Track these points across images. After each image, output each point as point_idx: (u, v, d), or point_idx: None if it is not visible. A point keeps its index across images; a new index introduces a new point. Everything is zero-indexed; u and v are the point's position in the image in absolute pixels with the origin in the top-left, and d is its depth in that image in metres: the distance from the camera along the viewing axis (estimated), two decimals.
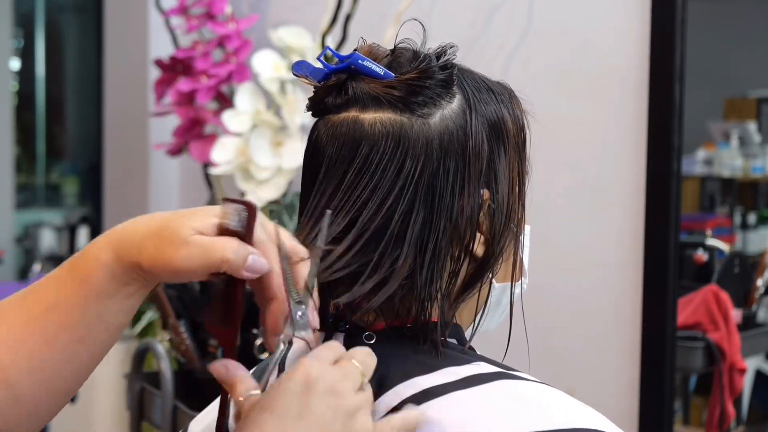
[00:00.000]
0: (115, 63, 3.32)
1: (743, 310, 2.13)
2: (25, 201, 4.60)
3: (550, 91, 2.03)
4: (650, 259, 1.87)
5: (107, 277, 0.80)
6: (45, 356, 0.81)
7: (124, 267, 0.79)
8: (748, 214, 2.34)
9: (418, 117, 0.84)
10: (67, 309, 0.81)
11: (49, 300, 0.81)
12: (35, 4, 4.67)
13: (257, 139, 2.26)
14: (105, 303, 0.80)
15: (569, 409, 0.80)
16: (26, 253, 4.36)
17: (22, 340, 0.81)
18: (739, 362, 2.04)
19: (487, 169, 0.86)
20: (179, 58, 2.53)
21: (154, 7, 2.87)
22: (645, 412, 1.88)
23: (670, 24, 1.83)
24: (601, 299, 1.97)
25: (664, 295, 1.85)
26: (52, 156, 4.81)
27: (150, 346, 2.17)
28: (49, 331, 0.81)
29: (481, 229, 0.86)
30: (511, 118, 0.89)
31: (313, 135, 0.88)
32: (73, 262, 0.82)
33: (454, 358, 0.84)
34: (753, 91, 2.35)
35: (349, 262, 0.83)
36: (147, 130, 3.06)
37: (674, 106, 1.83)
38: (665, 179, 1.84)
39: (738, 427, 2.12)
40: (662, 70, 1.85)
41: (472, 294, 0.88)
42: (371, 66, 0.84)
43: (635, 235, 1.90)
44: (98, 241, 0.82)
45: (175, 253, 0.77)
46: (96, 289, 0.80)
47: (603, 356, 1.97)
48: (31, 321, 0.81)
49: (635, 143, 1.90)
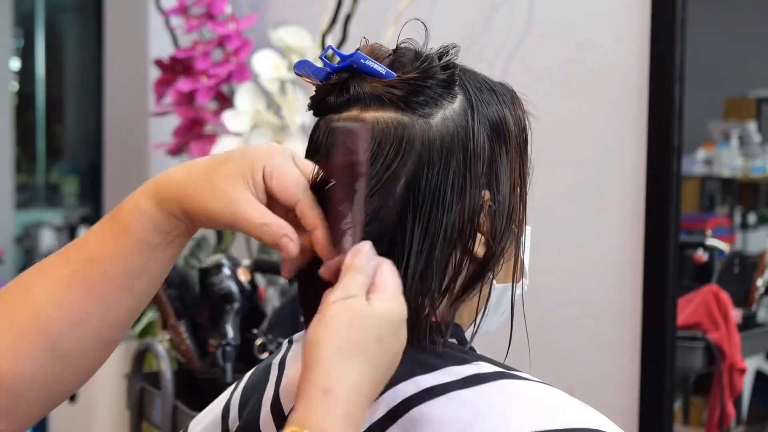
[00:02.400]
0: (115, 63, 3.32)
1: (743, 310, 2.13)
2: (25, 201, 4.60)
3: (550, 91, 2.03)
4: (650, 259, 1.87)
5: (147, 226, 0.81)
6: (87, 308, 0.81)
7: (166, 213, 0.80)
8: (748, 214, 2.34)
9: (420, 116, 0.84)
10: (108, 259, 0.81)
11: (90, 252, 0.82)
12: (35, 4, 4.68)
13: (257, 139, 2.26)
14: (145, 251, 0.81)
15: (570, 409, 0.80)
16: (26, 253, 4.36)
17: (63, 292, 0.81)
18: (739, 362, 2.04)
19: (488, 170, 0.86)
20: (179, 58, 2.53)
21: (154, 7, 2.87)
22: (645, 412, 1.88)
23: (670, 24, 1.83)
24: (601, 299, 1.97)
25: (664, 295, 1.85)
26: (52, 156, 4.82)
27: (150, 346, 2.17)
28: (91, 282, 0.81)
29: (482, 229, 0.86)
30: (512, 119, 0.89)
31: (314, 134, 0.88)
32: (113, 213, 0.83)
33: (454, 357, 0.84)
34: (753, 91, 2.36)
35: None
36: (147, 130, 3.06)
37: (674, 106, 1.83)
38: (665, 179, 1.84)
39: (738, 427, 2.12)
40: (662, 70, 1.85)
41: (472, 294, 0.88)
42: (373, 65, 0.84)
43: (635, 235, 1.90)
44: (138, 191, 0.82)
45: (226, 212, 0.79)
46: (136, 238, 0.81)
47: (603, 356, 1.97)
48: (72, 274, 0.81)
49: (635, 143, 1.90)
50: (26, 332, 0.81)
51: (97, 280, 0.81)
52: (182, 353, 2.07)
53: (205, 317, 2.03)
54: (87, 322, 0.82)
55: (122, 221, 0.81)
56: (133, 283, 0.82)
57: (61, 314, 0.81)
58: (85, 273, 0.81)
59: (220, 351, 1.95)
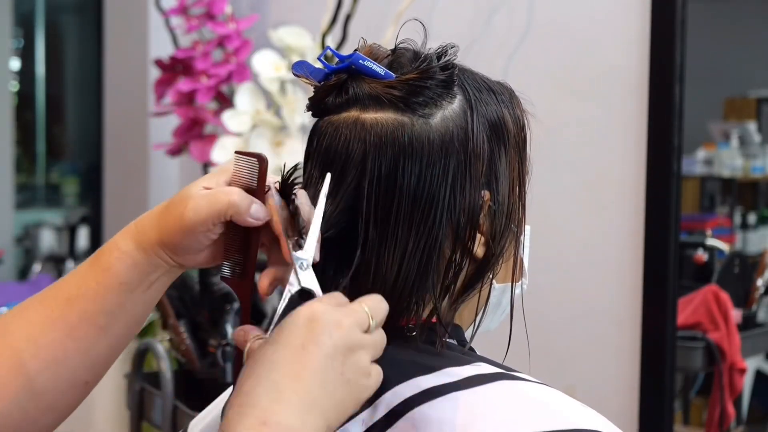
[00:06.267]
0: (115, 63, 3.32)
1: (743, 310, 2.13)
2: (25, 201, 4.59)
3: (550, 91, 2.03)
4: (650, 259, 1.87)
5: (129, 266, 0.81)
6: (65, 347, 0.82)
7: (145, 252, 0.81)
8: (748, 214, 2.35)
9: (420, 117, 0.84)
10: (89, 299, 0.82)
11: (71, 291, 0.82)
12: (35, 4, 4.67)
13: (257, 139, 2.26)
14: (126, 292, 0.82)
15: (569, 410, 0.80)
16: (26, 253, 4.36)
17: (42, 332, 0.82)
18: (739, 362, 2.04)
19: (488, 170, 0.86)
20: (179, 58, 2.53)
21: (154, 7, 2.87)
22: (645, 412, 1.88)
23: (670, 24, 1.83)
24: (601, 299, 1.97)
25: (664, 295, 1.85)
26: (52, 156, 4.81)
27: (150, 346, 2.17)
28: (70, 321, 0.82)
29: (482, 229, 0.86)
30: (511, 118, 0.89)
31: (313, 136, 0.88)
32: (96, 255, 0.84)
33: (454, 358, 0.84)
34: (753, 91, 2.36)
35: (348, 260, 0.83)
36: (147, 130, 3.06)
37: (674, 106, 1.83)
38: (665, 179, 1.84)
39: (738, 427, 2.12)
40: (662, 70, 1.85)
41: (472, 294, 0.88)
42: (372, 66, 0.84)
43: (635, 235, 1.90)
44: (119, 234, 0.84)
45: (184, 209, 0.79)
46: (118, 279, 0.82)
47: (603, 356, 1.97)
48: (52, 312, 0.82)
49: (635, 143, 1.90)
50: (3, 369, 0.81)
51: (76, 319, 0.82)
52: (182, 353, 2.07)
53: (205, 317, 2.04)
54: (65, 361, 0.82)
55: (103, 262, 0.82)
56: (112, 323, 0.83)
57: (38, 352, 0.81)
58: (64, 311, 0.82)
59: (220, 351, 1.95)
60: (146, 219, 0.83)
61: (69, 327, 0.82)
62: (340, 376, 0.72)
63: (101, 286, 0.82)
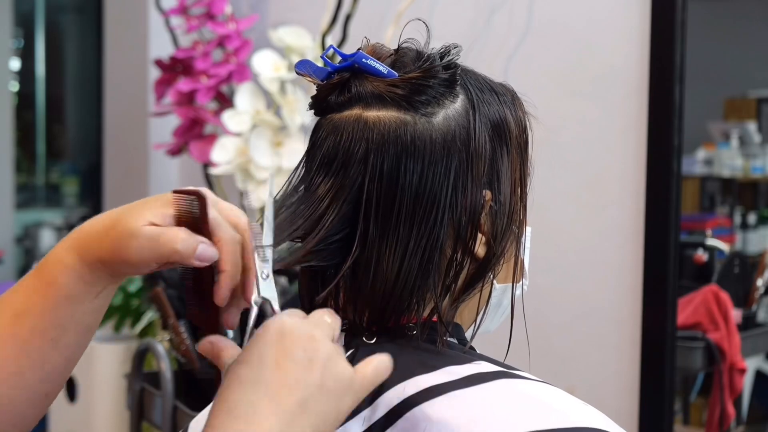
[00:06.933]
0: (115, 63, 3.32)
1: (743, 310, 2.13)
2: (25, 201, 4.60)
3: (550, 91, 2.03)
4: (650, 259, 1.87)
5: (73, 279, 0.80)
6: (19, 363, 0.81)
7: (88, 266, 0.80)
8: (748, 214, 2.35)
9: (422, 116, 0.84)
10: (36, 315, 0.81)
11: (19, 306, 0.82)
12: (35, 4, 4.68)
13: (257, 139, 2.26)
14: (74, 304, 0.81)
15: (570, 408, 0.80)
16: (26, 253, 4.36)
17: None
18: (739, 362, 2.04)
19: (490, 170, 0.86)
20: (179, 58, 2.53)
21: (154, 7, 2.87)
22: (645, 411, 1.88)
23: (670, 24, 1.83)
24: (601, 299, 1.97)
25: (664, 295, 1.85)
26: (52, 156, 4.82)
27: (150, 346, 2.17)
28: (21, 337, 0.81)
29: (483, 229, 0.86)
30: (513, 119, 0.89)
31: (315, 134, 0.88)
32: (39, 267, 0.82)
33: (454, 357, 0.84)
34: (753, 91, 2.36)
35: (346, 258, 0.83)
36: (147, 130, 3.06)
37: (674, 106, 1.83)
38: (665, 179, 1.84)
39: (738, 427, 2.12)
40: (662, 70, 1.85)
41: (472, 294, 0.88)
42: (374, 65, 0.84)
43: (635, 235, 1.90)
44: (61, 244, 0.82)
45: (128, 246, 0.78)
46: (63, 292, 0.80)
47: (603, 356, 1.97)
48: (2, 331, 0.81)
49: (635, 143, 1.90)
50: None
51: (27, 335, 0.81)
52: (182, 353, 2.07)
53: None
54: (20, 377, 0.82)
55: (47, 275, 0.81)
56: (63, 335, 0.82)
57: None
58: (14, 328, 0.81)
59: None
60: (91, 233, 0.80)
61: (20, 342, 0.81)
62: (320, 388, 0.71)
63: (48, 301, 0.81)
